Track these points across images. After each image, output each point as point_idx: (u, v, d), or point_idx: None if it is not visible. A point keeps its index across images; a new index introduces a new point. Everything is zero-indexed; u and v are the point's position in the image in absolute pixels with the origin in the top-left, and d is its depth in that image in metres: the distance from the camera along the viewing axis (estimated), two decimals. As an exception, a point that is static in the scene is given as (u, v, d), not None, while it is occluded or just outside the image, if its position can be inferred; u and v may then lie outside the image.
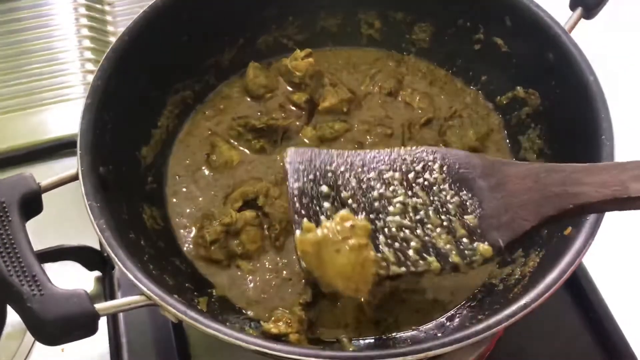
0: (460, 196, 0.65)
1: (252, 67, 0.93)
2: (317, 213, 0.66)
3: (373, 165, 0.68)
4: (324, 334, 0.75)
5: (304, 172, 0.68)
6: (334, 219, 0.63)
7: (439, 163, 0.67)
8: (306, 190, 0.67)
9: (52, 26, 1.26)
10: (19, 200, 0.65)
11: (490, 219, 0.63)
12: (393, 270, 0.62)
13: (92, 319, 0.58)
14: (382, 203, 0.65)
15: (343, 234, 0.62)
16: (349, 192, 0.67)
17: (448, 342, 0.57)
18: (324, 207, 0.66)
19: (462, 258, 0.62)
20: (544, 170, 0.62)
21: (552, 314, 0.89)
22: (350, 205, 0.65)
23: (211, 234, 0.78)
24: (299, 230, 0.64)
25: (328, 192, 0.67)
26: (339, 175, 0.68)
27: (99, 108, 0.73)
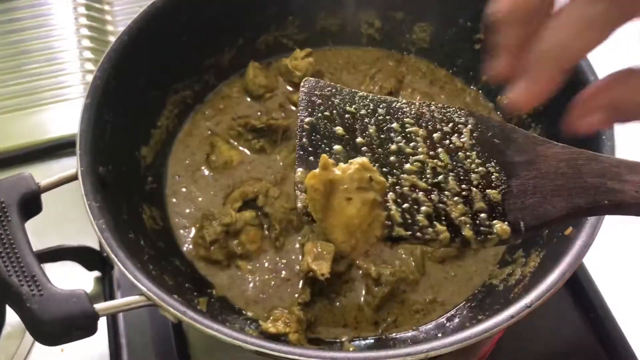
0: (486, 167, 0.59)
1: (252, 67, 0.93)
2: (325, 153, 0.59)
3: (397, 115, 0.62)
4: (323, 334, 0.75)
5: (319, 106, 0.62)
6: (352, 163, 0.56)
7: (470, 127, 0.61)
8: (319, 126, 0.61)
9: (51, 26, 1.26)
10: (18, 200, 0.65)
11: (515, 198, 0.58)
12: (397, 231, 0.56)
13: (92, 319, 0.58)
14: (399, 158, 0.59)
15: (359, 184, 0.56)
16: (365, 139, 0.60)
17: (448, 343, 0.57)
18: (334, 149, 0.59)
19: (476, 234, 0.57)
20: (584, 158, 0.57)
21: (553, 314, 0.89)
22: (363, 153, 0.59)
23: (211, 234, 0.78)
24: (300, 168, 0.58)
25: (342, 134, 0.60)
26: (358, 118, 0.62)
27: (99, 108, 0.73)
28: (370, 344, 0.74)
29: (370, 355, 0.57)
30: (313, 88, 0.63)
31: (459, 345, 0.57)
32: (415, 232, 0.56)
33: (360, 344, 0.74)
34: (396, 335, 0.75)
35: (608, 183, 0.55)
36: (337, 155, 0.58)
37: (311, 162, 0.58)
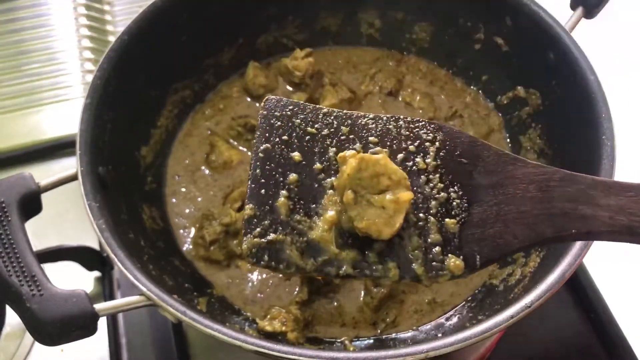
0: (448, 192, 0.56)
1: (252, 67, 0.93)
2: (278, 185, 0.57)
3: (362, 134, 0.59)
4: (321, 333, 0.75)
5: (278, 129, 0.59)
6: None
7: (437, 146, 0.58)
8: (274, 154, 0.58)
9: (51, 26, 1.26)
10: (18, 200, 0.65)
11: (474, 228, 0.54)
12: (345, 270, 0.55)
13: (92, 319, 0.58)
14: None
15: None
16: (323, 164, 0.57)
17: (449, 343, 0.57)
18: (288, 179, 0.57)
19: (427, 270, 0.54)
20: (557, 179, 0.53)
21: (553, 314, 0.89)
22: (320, 181, 0.56)
23: (211, 234, 0.78)
24: (250, 204, 0.56)
25: (299, 160, 0.58)
26: (319, 140, 0.58)
27: (99, 108, 0.73)
28: (369, 344, 0.74)
29: (370, 356, 0.56)
30: (273, 109, 0.60)
31: (459, 345, 0.57)
32: (364, 269, 0.55)
33: (361, 344, 0.74)
34: (395, 335, 0.75)
35: (579, 208, 0.51)
36: (291, 185, 0.57)
37: (262, 196, 0.57)
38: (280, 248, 0.56)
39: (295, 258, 0.56)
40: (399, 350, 0.57)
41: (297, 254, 0.56)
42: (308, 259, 0.55)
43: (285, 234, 0.56)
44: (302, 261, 0.56)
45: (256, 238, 0.56)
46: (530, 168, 0.54)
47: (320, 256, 0.55)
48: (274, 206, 0.57)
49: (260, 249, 0.56)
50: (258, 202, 0.57)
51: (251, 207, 0.57)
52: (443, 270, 0.54)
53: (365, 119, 0.59)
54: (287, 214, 0.56)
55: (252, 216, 0.57)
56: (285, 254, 0.56)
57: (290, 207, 0.56)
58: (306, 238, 0.56)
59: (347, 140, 0.58)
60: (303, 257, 0.56)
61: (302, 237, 0.56)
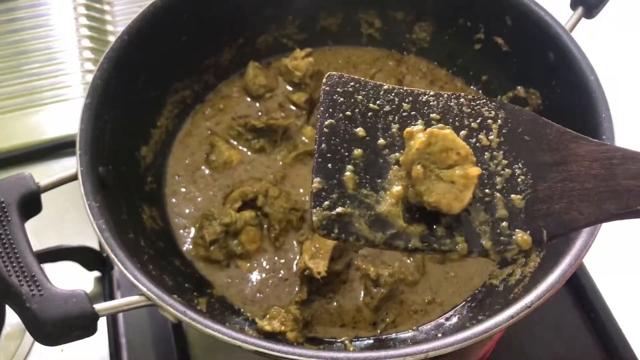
0: (512, 169, 0.56)
1: (252, 67, 0.93)
2: (343, 159, 0.57)
3: (423, 110, 0.59)
4: (321, 333, 0.75)
5: (341, 105, 0.59)
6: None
7: (499, 123, 0.57)
8: (339, 129, 0.58)
9: (51, 26, 1.26)
10: (18, 200, 0.65)
11: (539, 204, 0.54)
12: (413, 244, 0.55)
13: (92, 319, 0.58)
14: None
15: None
16: (387, 140, 0.57)
17: (448, 343, 0.57)
18: (353, 154, 0.57)
19: (495, 244, 0.54)
20: (619, 157, 0.53)
21: (553, 314, 0.89)
22: (384, 156, 0.56)
23: (211, 234, 0.78)
24: (318, 177, 0.56)
25: (363, 135, 0.57)
26: (381, 116, 0.58)
27: (99, 108, 0.73)
28: (369, 344, 0.74)
29: (371, 356, 0.56)
30: (336, 85, 0.60)
31: (459, 345, 0.57)
32: (432, 243, 0.54)
33: (361, 344, 0.74)
34: (395, 335, 0.75)
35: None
36: (356, 160, 0.57)
37: (329, 170, 0.56)
38: (349, 221, 0.55)
39: (365, 231, 0.55)
40: (399, 350, 0.57)
41: (365, 227, 0.55)
42: (377, 232, 0.55)
43: (353, 207, 0.56)
44: (370, 234, 0.55)
45: (325, 211, 0.56)
46: (593, 146, 0.55)
47: (389, 230, 0.55)
48: (341, 180, 0.56)
49: (330, 222, 0.55)
50: (325, 175, 0.56)
51: (319, 180, 0.56)
52: (510, 244, 0.54)
53: (426, 96, 0.59)
54: (354, 187, 0.56)
55: (320, 189, 0.56)
56: (354, 227, 0.55)
57: (356, 181, 0.56)
58: (374, 212, 0.55)
59: (409, 117, 0.58)
60: (371, 230, 0.55)
61: (369, 211, 0.55)
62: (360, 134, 0.58)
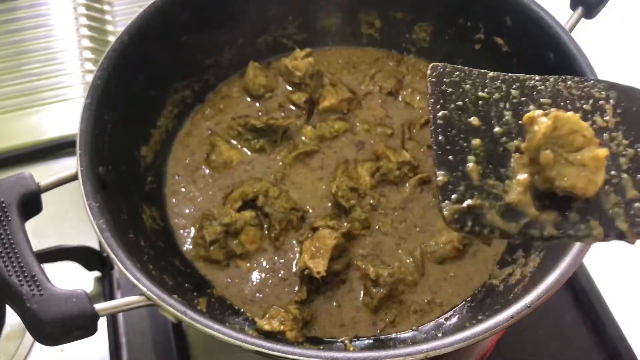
0: (635, 148, 0.54)
1: (252, 67, 0.93)
2: (463, 150, 0.55)
3: (533, 95, 0.57)
4: (320, 333, 0.75)
5: (450, 95, 0.57)
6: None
7: (613, 103, 0.56)
8: (453, 120, 0.56)
9: (51, 26, 1.26)
10: (18, 200, 0.65)
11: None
12: (548, 232, 0.53)
13: (92, 319, 0.58)
14: None
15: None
16: (503, 128, 0.56)
17: (448, 343, 0.57)
18: (472, 144, 0.55)
19: (632, 226, 0.52)
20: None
21: (553, 314, 0.89)
22: (502, 145, 0.55)
23: (211, 234, 0.78)
24: (441, 171, 0.54)
25: (478, 124, 0.56)
26: (492, 104, 0.57)
27: (99, 108, 0.73)
28: (369, 344, 0.74)
29: (371, 355, 0.57)
30: (441, 75, 0.58)
31: (459, 345, 0.57)
32: (567, 230, 0.53)
33: (361, 344, 0.74)
34: (395, 335, 0.75)
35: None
36: (476, 150, 0.55)
37: (451, 162, 0.55)
38: (481, 213, 0.54)
39: (498, 222, 0.54)
40: (399, 350, 0.57)
41: (498, 217, 0.54)
42: (510, 222, 0.54)
43: (482, 199, 0.54)
44: (505, 225, 0.54)
45: (455, 204, 0.54)
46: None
47: (522, 219, 0.53)
48: (465, 171, 0.55)
49: (462, 215, 0.54)
50: (448, 168, 0.55)
51: (443, 173, 0.55)
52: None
53: (533, 81, 0.58)
54: (479, 178, 0.55)
55: (446, 182, 0.55)
56: (486, 218, 0.54)
57: (480, 172, 0.55)
58: (503, 202, 0.54)
59: (520, 103, 0.57)
60: (505, 220, 0.54)
61: (499, 201, 0.54)
62: (475, 123, 0.56)
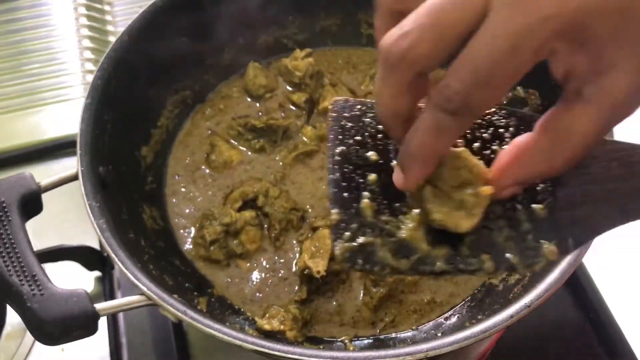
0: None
1: (252, 67, 0.93)
2: (359, 187, 0.55)
3: None
4: (320, 333, 0.75)
5: (349, 130, 0.57)
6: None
7: (512, 131, 0.55)
8: (350, 155, 0.56)
9: (51, 26, 1.26)
10: (18, 200, 0.65)
11: (562, 212, 0.52)
12: (439, 267, 0.53)
13: (92, 319, 0.58)
14: None
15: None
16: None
17: (448, 343, 0.57)
18: (368, 180, 0.55)
19: (522, 259, 0.52)
20: (638, 154, 0.51)
21: (552, 314, 0.89)
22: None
23: (211, 234, 0.78)
24: (335, 209, 0.54)
25: (376, 159, 0.56)
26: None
27: (99, 108, 0.73)
28: (369, 343, 0.74)
29: (370, 355, 0.57)
30: (342, 110, 0.58)
31: (459, 345, 0.57)
32: (458, 264, 0.53)
33: (361, 343, 0.74)
34: (395, 335, 0.75)
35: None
36: (372, 186, 0.55)
37: (346, 199, 0.55)
38: (372, 250, 0.54)
39: (389, 259, 0.54)
40: (399, 350, 0.57)
41: (389, 255, 0.54)
42: (401, 258, 0.54)
43: (375, 236, 0.54)
44: (395, 262, 0.54)
45: (347, 242, 0.54)
46: (610, 145, 0.52)
47: (413, 255, 0.53)
48: (359, 208, 0.55)
49: (353, 253, 0.54)
50: (342, 205, 0.55)
51: (337, 211, 0.55)
52: (538, 257, 0.52)
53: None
54: (373, 215, 0.55)
55: (340, 221, 0.55)
56: (378, 255, 0.54)
57: (375, 208, 0.55)
58: (396, 238, 0.54)
59: None
60: (396, 257, 0.54)
61: (392, 238, 0.54)
62: (373, 158, 0.56)
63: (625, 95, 0.44)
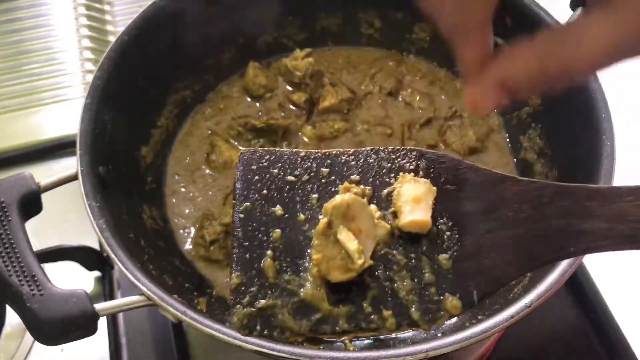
0: (437, 225, 0.52)
1: (252, 67, 0.93)
2: (262, 245, 0.54)
3: (343, 172, 0.56)
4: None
5: (256, 184, 0.56)
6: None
7: (421, 175, 0.54)
8: (255, 211, 0.55)
9: (51, 26, 1.26)
10: (18, 200, 0.65)
11: (468, 261, 0.51)
12: (340, 327, 0.53)
13: (92, 319, 0.58)
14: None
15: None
16: (306, 214, 0.54)
17: (448, 343, 0.57)
18: (272, 237, 0.54)
19: (424, 314, 0.52)
20: (550, 194, 0.49)
21: (552, 314, 0.89)
22: (304, 233, 0.54)
23: (211, 234, 0.78)
24: (236, 272, 0.53)
25: (282, 214, 0.54)
26: (299, 187, 0.55)
27: (99, 108, 0.73)
28: (370, 343, 0.74)
29: (371, 355, 0.56)
30: (249, 162, 0.57)
31: (459, 345, 0.57)
32: (360, 322, 0.52)
33: (361, 343, 0.74)
34: (395, 335, 0.74)
35: (576, 223, 0.47)
36: (275, 243, 0.54)
37: (247, 260, 0.54)
38: (272, 313, 0.54)
39: (288, 322, 0.54)
40: (399, 350, 0.57)
41: (289, 317, 0.54)
42: (301, 320, 0.54)
43: (275, 298, 0.54)
44: (295, 324, 0.54)
45: (246, 308, 0.54)
46: (522, 185, 0.51)
47: (314, 315, 0.54)
48: (260, 269, 0.54)
49: (252, 319, 0.54)
50: (244, 267, 0.54)
51: (237, 274, 0.54)
52: (440, 311, 0.52)
53: (345, 156, 0.57)
54: (275, 275, 0.54)
55: (239, 284, 0.55)
56: (277, 319, 0.54)
57: (277, 268, 0.54)
58: (297, 298, 0.54)
59: (328, 183, 0.55)
60: (296, 319, 0.54)
61: (292, 298, 0.54)
62: (278, 213, 0.55)
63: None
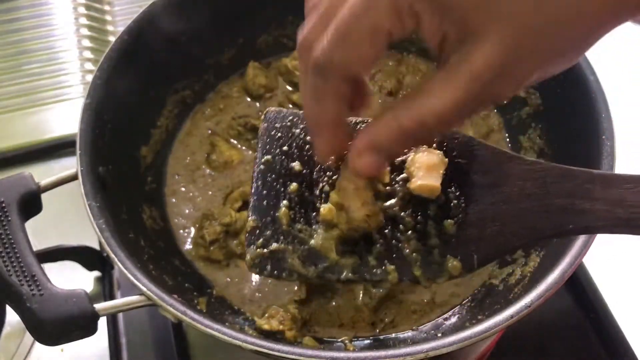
0: (446, 193, 0.55)
1: (252, 67, 0.93)
2: (279, 195, 0.57)
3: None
4: (319, 333, 0.75)
5: (278, 140, 0.59)
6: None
7: (434, 147, 0.56)
8: (275, 164, 0.58)
9: (51, 26, 1.26)
10: (18, 200, 0.65)
11: (471, 228, 0.53)
12: (345, 276, 0.55)
13: (92, 319, 0.58)
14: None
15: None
16: (323, 172, 0.58)
17: (448, 343, 0.57)
18: (289, 189, 0.57)
19: (425, 272, 0.54)
20: (554, 175, 0.51)
21: (553, 314, 0.89)
22: (320, 188, 0.56)
23: (211, 234, 0.78)
24: (253, 216, 0.56)
25: (300, 169, 0.58)
26: None
27: (99, 108, 0.73)
28: (370, 344, 0.74)
29: (370, 355, 0.56)
30: (273, 120, 0.61)
31: (459, 345, 0.57)
32: (364, 273, 0.55)
33: (361, 343, 0.74)
34: (394, 335, 0.74)
35: (577, 203, 0.49)
36: (291, 195, 0.57)
37: (264, 207, 0.57)
38: (282, 257, 0.57)
39: (297, 266, 0.56)
40: (399, 350, 0.57)
41: (298, 262, 0.56)
42: (309, 266, 0.56)
43: (286, 243, 0.57)
44: (303, 269, 0.56)
45: (259, 249, 0.57)
46: (527, 165, 0.53)
47: (321, 263, 0.56)
48: (276, 217, 0.57)
49: (263, 259, 0.57)
50: (260, 213, 0.57)
51: (254, 219, 0.57)
52: (441, 271, 0.54)
53: (364, 124, 0.58)
54: (289, 223, 0.57)
55: (255, 227, 0.57)
56: (287, 262, 0.56)
57: (291, 217, 0.57)
58: (307, 246, 0.56)
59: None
60: (304, 265, 0.56)
61: (303, 246, 0.56)
62: (297, 168, 0.58)
63: (485, 68, 0.41)
